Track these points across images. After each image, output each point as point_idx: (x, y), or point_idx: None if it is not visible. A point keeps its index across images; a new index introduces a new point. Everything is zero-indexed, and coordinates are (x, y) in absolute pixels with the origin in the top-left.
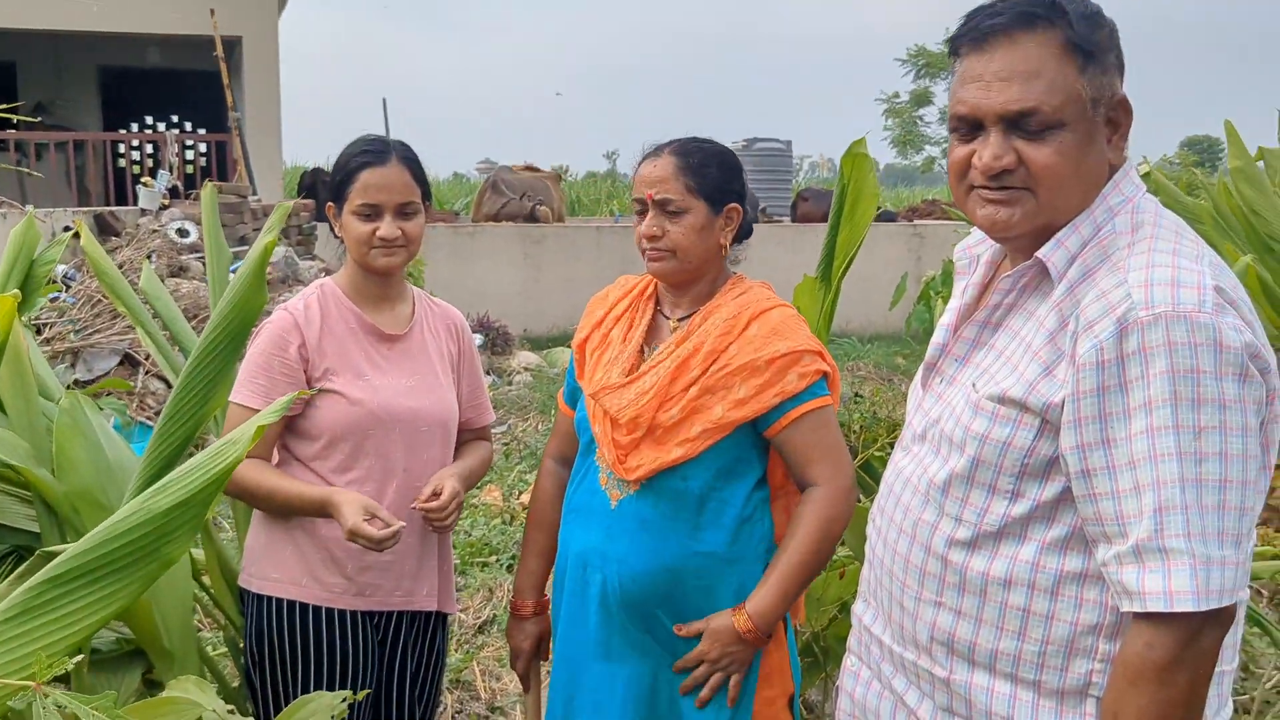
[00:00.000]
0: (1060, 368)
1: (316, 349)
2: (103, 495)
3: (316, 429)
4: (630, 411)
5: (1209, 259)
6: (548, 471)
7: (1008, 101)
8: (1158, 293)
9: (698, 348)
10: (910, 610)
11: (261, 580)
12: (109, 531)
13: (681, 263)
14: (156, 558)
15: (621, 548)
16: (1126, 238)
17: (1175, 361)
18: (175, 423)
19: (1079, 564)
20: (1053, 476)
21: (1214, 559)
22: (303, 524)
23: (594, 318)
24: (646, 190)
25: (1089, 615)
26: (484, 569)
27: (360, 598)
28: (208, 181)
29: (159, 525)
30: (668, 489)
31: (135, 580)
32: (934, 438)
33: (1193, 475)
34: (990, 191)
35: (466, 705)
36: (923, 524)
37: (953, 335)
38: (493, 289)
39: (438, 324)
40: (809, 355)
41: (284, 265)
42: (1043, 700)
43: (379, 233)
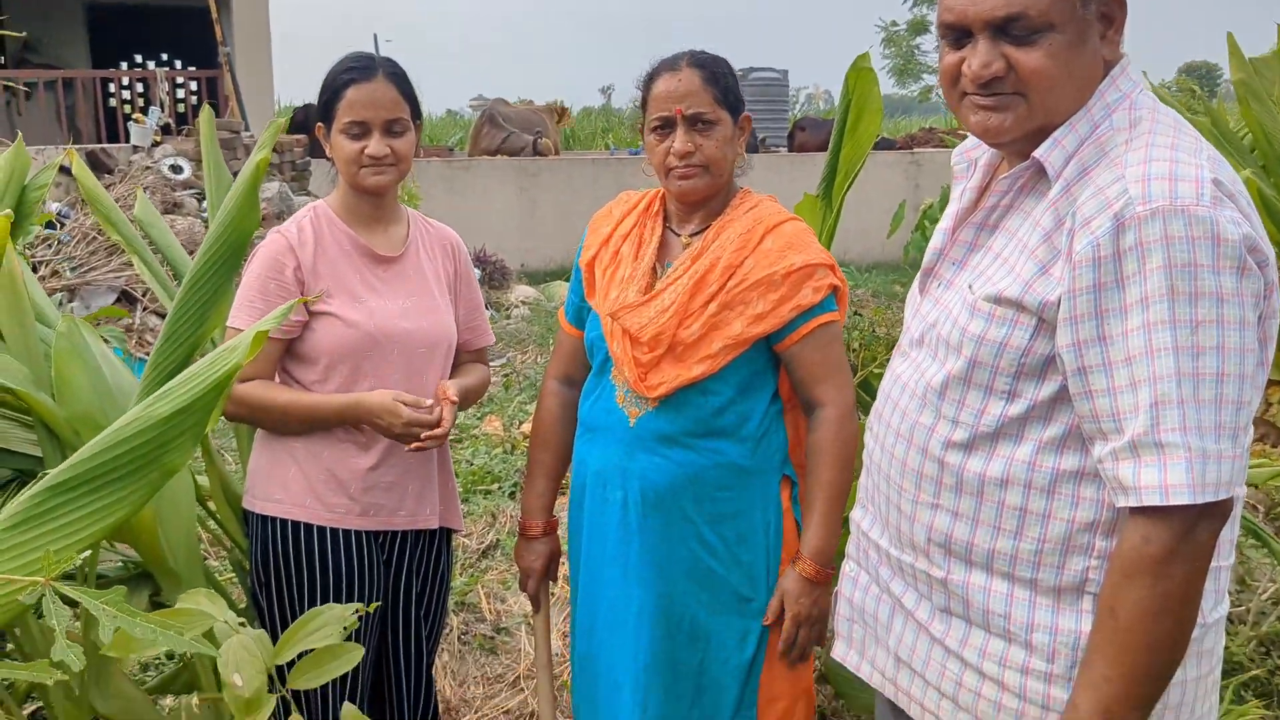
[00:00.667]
0: (1057, 266)
1: (311, 271)
2: (103, 418)
3: (315, 352)
4: (652, 329)
5: (1207, 153)
6: (551, 392)
7: (994, 7)
8: (1155, 187)
9: (714, 263)
10: (908, 513)
11: (265, 501)
12: (110, 439)
13: (714, 178)
14: (158, 465)
15: (642, 463)
16: (1124, 134)
17: (1172, 256)
18: (172, 344)
19: (1075, 462)
20: (1049, 375)
21: (1210, 452)
22: (306, 445)
23: (600, 235)
24: (675, 106)
25: (1086, 513)
26: (486, 496)
27: (364, 518)
28: (205, 105)
29: (160, 432)
30: (688, 404)
31: (137, 488)
32: (931, 342)
33: (1189, 369)
34: (982, 98)
35: (472, 626)
36: (919, 427)
37: (950, 239)
38: (489, 223)
39: (434, 245)
40: (822, 269)
41: (278, 201)
42: (1039, 598)
43: (368, 150)
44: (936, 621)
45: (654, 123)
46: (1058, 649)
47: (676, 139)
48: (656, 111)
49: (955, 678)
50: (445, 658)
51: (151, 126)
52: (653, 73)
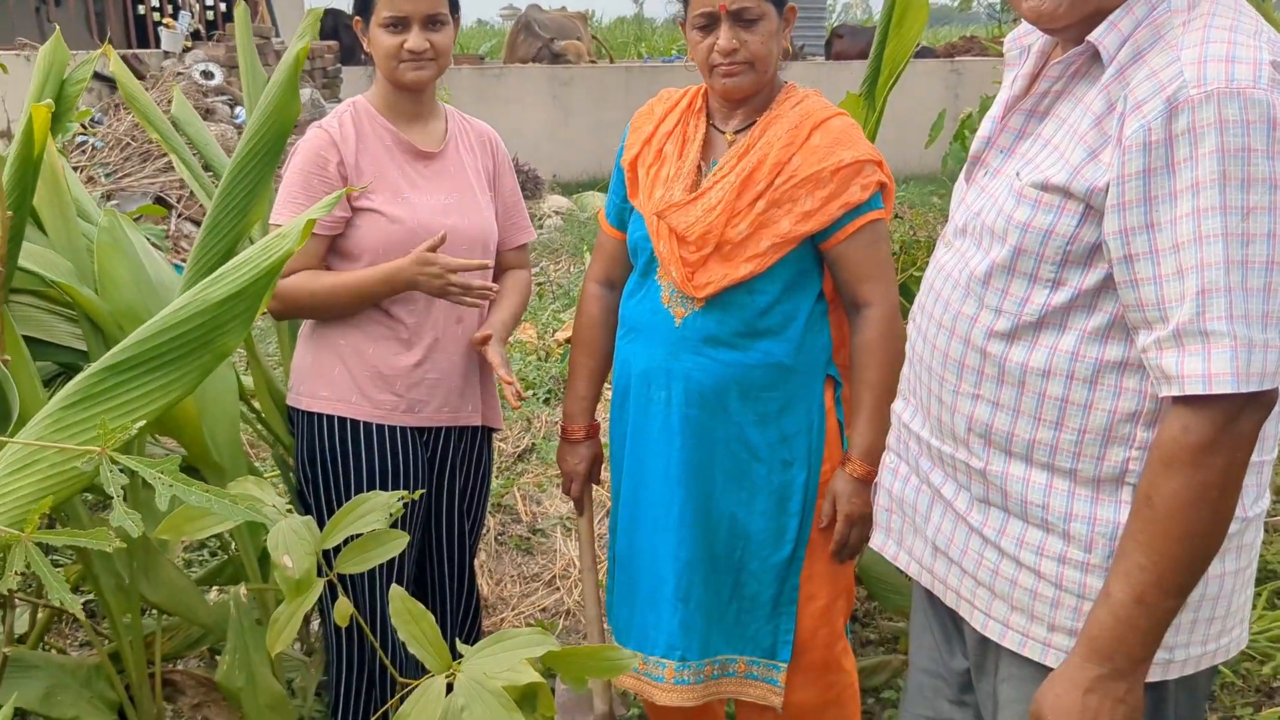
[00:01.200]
0: (1106, 152)
1: (354, 166)
2: (145, 312)
3: (358, 248)
4: (699, 228)
5: (1268, 35)
6: (592, 295)
7: None
8: (1211, 69)
9: (762, 160)
10: (948, 404)
11: (311, 398)
12: (165, 321)
13: (759, 74)
14: (210, 349)
15: (687, 364)
16: (1182, 15)
17: (1226, 140)
18: (215, 235)
19: (1119, 352)
20: (1095, 263)
21: (1256, 342)
22: (350, 342)
23: (642, 134)
24: (719, 2)
25: (1128, 403)
26: (522, 402)
27: (409, 414)
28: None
29: (213, 316)
30: (735, 304)
31: (190, 370)
32: (975, 230)
33: (1239, 257)
34: None
35: (508, 527)
36: (962, 317)
37: (999, 126)
38: (521, 132)
39: (473, 141)
40: (870, 165)
41: (310, 108)
42: (1078, 488)
43: (407, 45)
44: (975, 511)
45: (697, 20)
46: (1095, 538)
47: (721, 35)
48: (700, 8)
49: (992, 566)
50: (483, 557)
51: (182, 31)
52: None
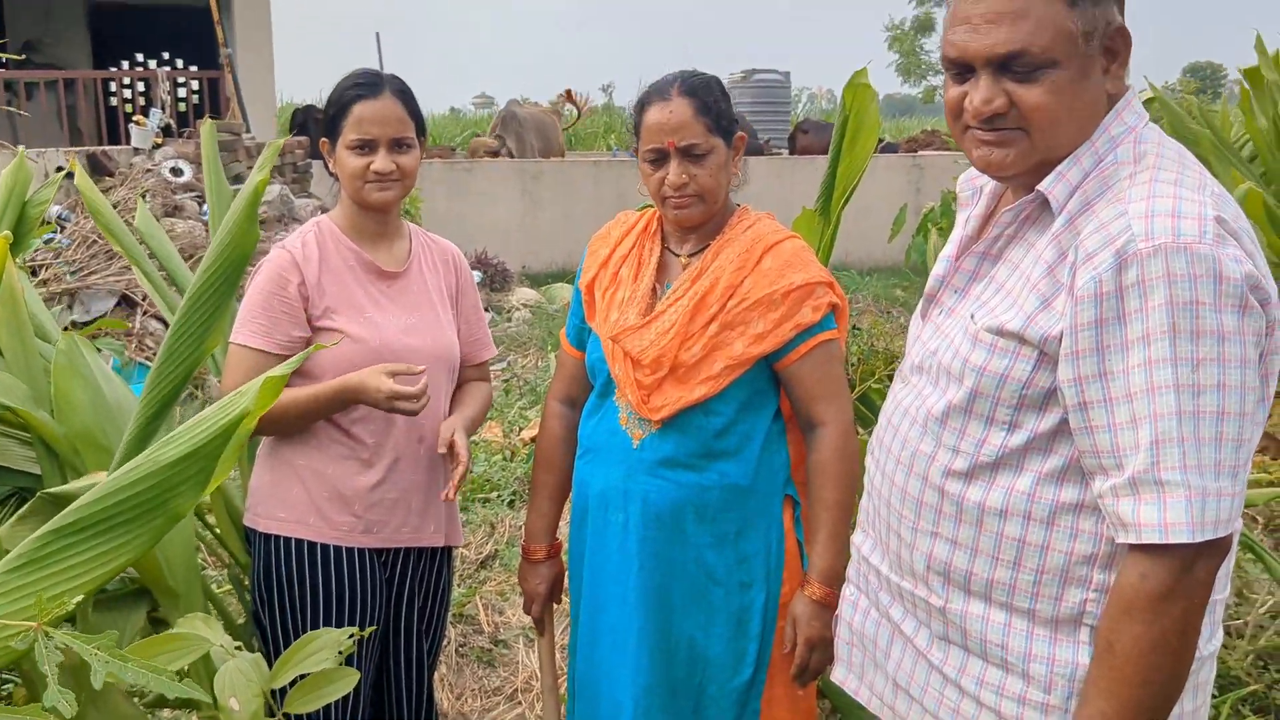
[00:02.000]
0: (1059, 300)
1: (316, 287)
2: (103, 436)
3: (319, 368)
4: (653, 352)
5: (1211, 189)
6: (554, 414)
7: (994, 44)
8: (1158, 224)
9: (714, 283)
10: (907, 540)
11: (268, 520)
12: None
13: (709, 205)
14: (163, 511)
15: (644, 485)
16: (1129, 168)
17: (1174, 293)
18: (172, 363)
19: (1075, 495)
20: (1050, 408)
21: (1210, 490)
22: (310, 463)
23: (599, 257)
24: (668, 138)
25: (1084, 545)
26: (485, 504)
27: (368, 535)
28: (206, 117)
29: (166, 477)
30: (691, 425)
31: (142, 534)
32: (932, 369)
33: (1190, 407)
34: (984, 133)
35: (470, 639)
36: (920, 455)
37: (953, 266)
38: (490, 225)
39: (435, 259)
40: (822, 287)
41: (279, 203)
42: (1037, 628)
43: (373, 167)
44: (935, 649)
45: (648, 154)
46: (1055, 679)
47: (670, 170)
48: (649, 143)
49: (953, 705)
50: (443, 670)
51: (152, 128)
52: (644, 100)
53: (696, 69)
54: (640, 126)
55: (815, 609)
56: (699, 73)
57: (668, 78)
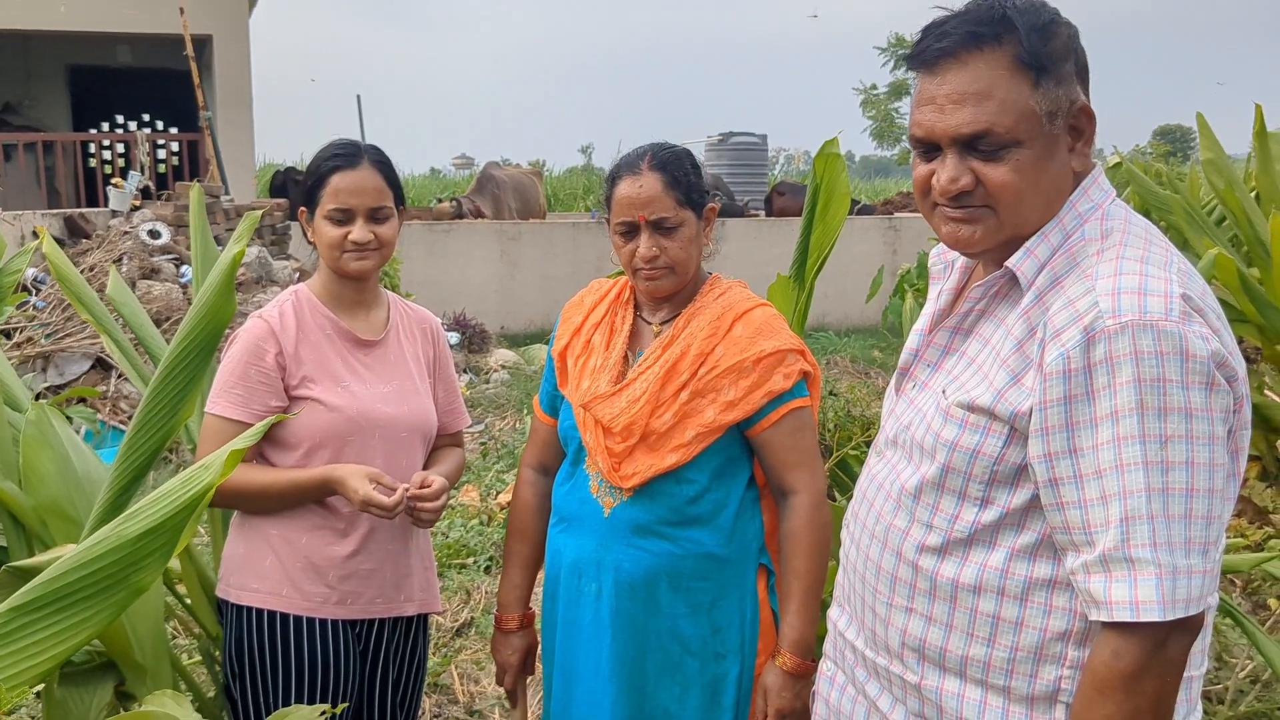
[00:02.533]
0: (1028, 376)
1: (293, 356)
2: (71, 508)
3: (295, 437)
4: (624, 420)
5: (1177, 266)
6: (527, 481)
7: (960, 124)
8: (1125, 301)
9: (685, 351)
10: (882, 616)
11: (241, 590)
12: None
13: (680, 277)
14: (126, 585)
15: (617, 554)
16: (1095, 244)
17: (1142, 370)
18: (144, 434)
19: (1048, 571)
20: (1022, 484)
21: (1180, 568)
22: (282, 533)
23: (572, 325)
24: (638, 213)
25: (1058, 622)
26: (461, 571)
27: (342, 606)
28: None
29: (129, 552)
30: (663, 493)
31: (105, 609)
32: (905, 443)
33: (1159, 484)
34: (951, 210)
35: (445, 709)
36: (894, 530)
37: (925, 340)
38: (469, 286)
39: (413, 328)
40: (793, 354)
41: (258, 266)
42: (1012, 706)
43: (351, 236)
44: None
45: (619, 227)
46: None
47: (641, 243)
48: (620, 216)
49: None
50: None
51: (130, 191)
52: (614, 173)
53: (668, 141)
54: (611, 199)
55: (786, 679)
56: (669, 145)
57: (638, 150)
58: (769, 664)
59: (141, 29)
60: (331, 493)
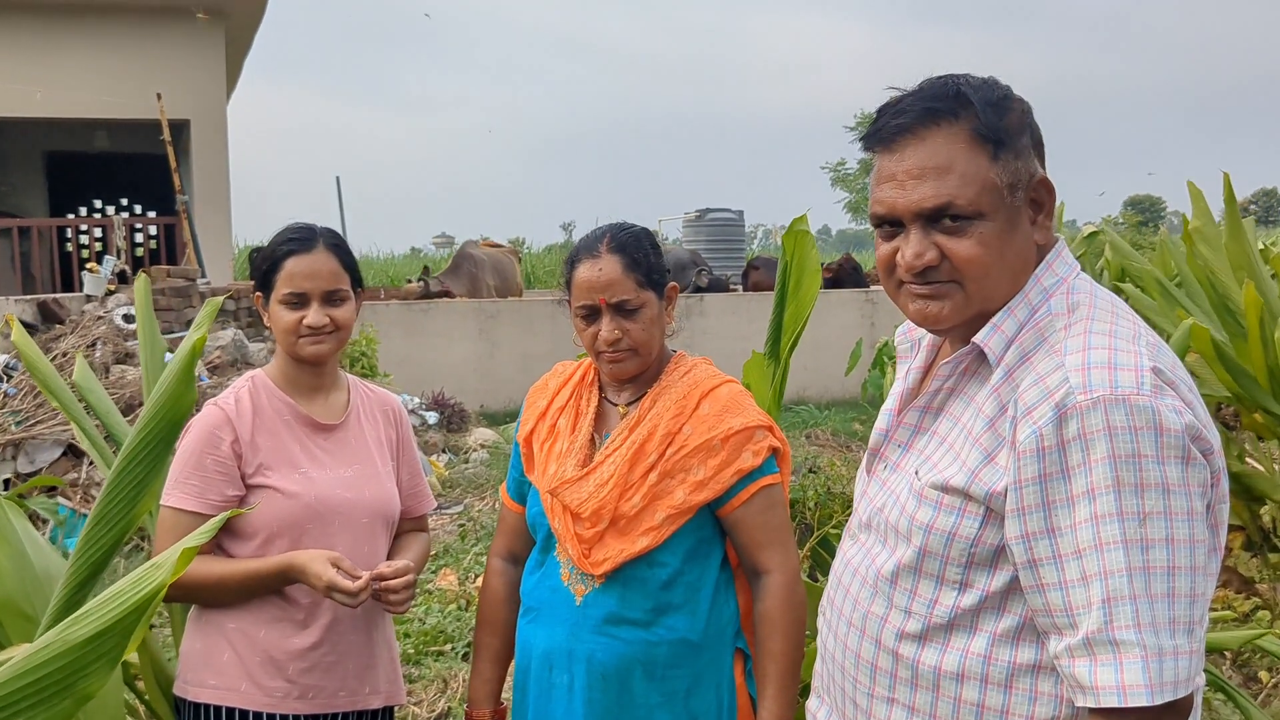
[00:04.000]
0: (1001, 454)
1: (250, 444)
2: (28, 605)
3: (251, 527)
4: (592, 504)
5: (1146, 339)
6: (495, 571)
7: (922, 199)
8: (1095, 376)
9: (652, 431)
10: (864, 707)
11: (199, 688)
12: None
13: (643, 358)
14: (72, 693)
15: (589, 644)
16: (1063, 319)
17: (1116, 446)
18: (102, 527)
19: (1032, 655)
20: (1001, 565)
21: (1166, 649)
22: (240, 626)
23: (537, 409)
24: (599, 296)
25: (1044, 709)
26: (438, 658)
27: (303, 701)
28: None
29: (75, 658)
30: (635, 579)
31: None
32: (879, 526)
33: (1139, 563)
34: (918, 286)
35: None
36: (872, 617)
37: (895, 420)
38: (447, 365)
39: (374, 410)
40: (761, 430)
41: (233, 348)
42: None
43: (306, 321)
44: None
45: (580, 310)
46: None
47: (603, 326)
48: (580, 300)
49: None
50: None
51: (105, 275)
52: (573, 257)
53: (627, 222)
54: (571, 283)
55: None
56: (628, 226)
57: (596, 233)
58: None
59: (119, 115)
60: (292, 581)
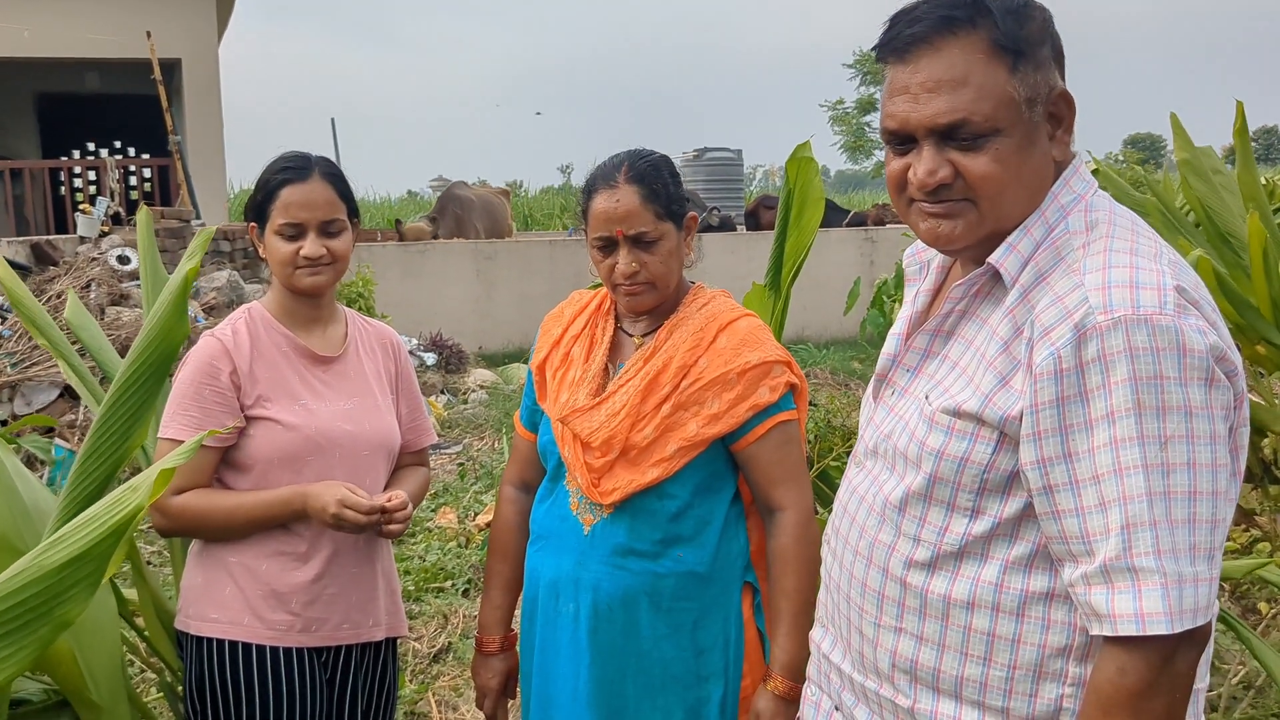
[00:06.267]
0: (1017, 378)
1: (248, 375)
2: (19, 540)
3: (250, 459)
4: (603, 434)
5: (1168, 257)
6: (508, 499)
7: (936, 114)
8: (1116, 295)
9: (667, 363)
10: (870, 637)
11: (200, 621)
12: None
13: (661, 291)
14: (49, 620)
15: (595, 573)
16: (1081, 237)
17: (1137, 368)
18: (94, 461)
19: (1044, 583)
20: (1014, 492)
21: (1186, 577)
22: (243, 559)
23: (551, 337)
24: (616, 228)
25: (1057, 637)
26: (439, 595)
27: (306, 634)
28: (142, 205)
29: (52, 583)
30: (644, 510)
31: (26, 646)
32: (887, 453)
33: (1160, 488)
34: (930, 205)
35: None
36: (879, 545)
37: (904, 344)
38: (445, 307)
39: (373, 344)
40: (779, 366)
41: (229, 289)
42: None
43: (303, 252)
44: None
45: (596, 242)
46: None
47: (620, 259)
48: (597, 231)
49: None
50: None
51: (99, 217)
52: (590, 185)
53: (645, 149)
54: (588, 213)
55: (779, 704)
56: (647, 154)
57: (614, 160)
58: (760, 688)
59: (109, 54)
60: (299, 512)
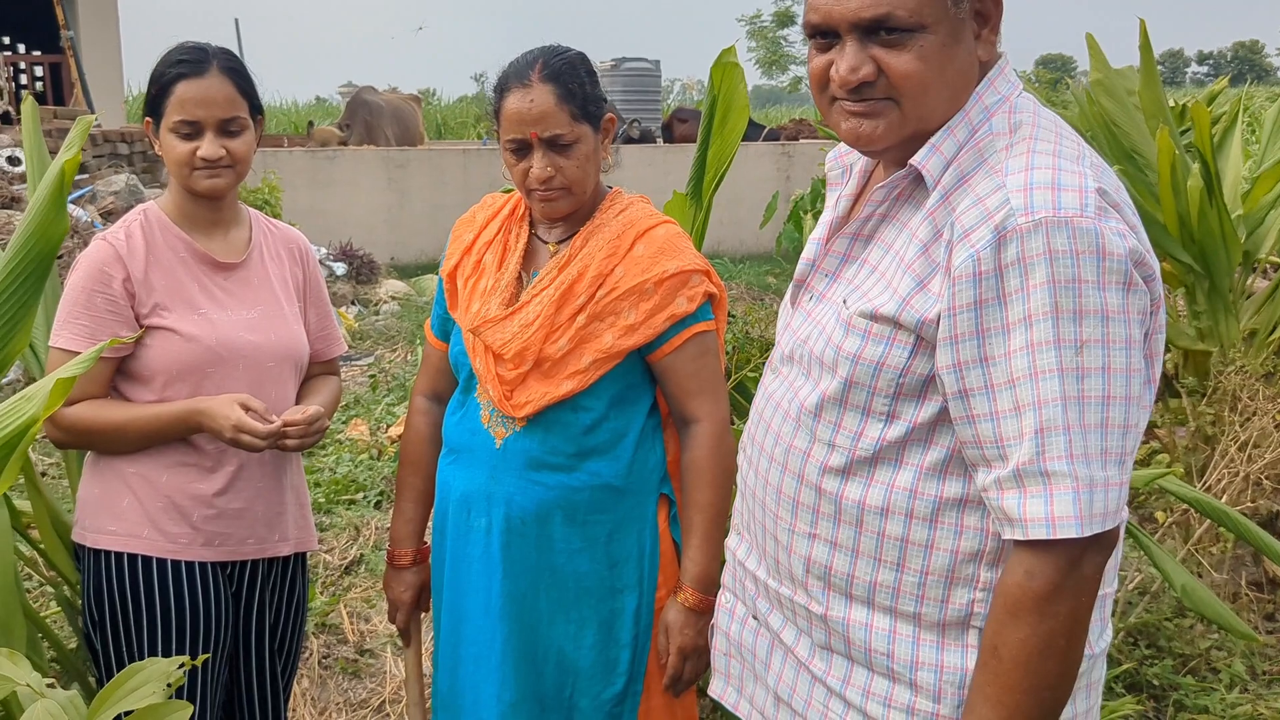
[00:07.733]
0: (935, 281)
1: (143, 282)
2: None
3: (148, 370)
4: (515, 345)
5: (1090, 159)
6: (419, 410)
7: (860, 8)
8: (1037, 196)
9: (582, 272)
10: (784, 543)
11: (98, 534)
12: None
13: (577, 196)
14: None
15: (508, 487)
16: (1004, 139)
17: (1056, 271)
18: None
19: (958, 489)
20: (929, 396)
21: (1097, 481)
22: (141, 472)
23: (463, 243)
24: (530, 130)
25: (969, 542)
26: (350, 507)
27: (209, 548)
28: (28, 96)
29: None
30: (558, 423)
31: None
32: (803, 358)
33: (1074, 393)
34: (852, 104)
35: (334, 649)
36: (794, 451)
37: (823, 249)
38: (356, 216)
39: (279, 248)
40: (697, 275)
41: (127, 194)
42: (923, 634)
43: (200, 152)
44: (817, 659)
45: (509, 144)
46: (944, 688)
47: (534, 163)
48: (510, 133)
49: (838, 718)
50: (305, 684)
51: None
52: (502, 84)
53: (560, 44)
54: (500, 113)
55: (689, 616)
56: (562, 50)
57: (527, 57)
58: (671, 600)
59: None
60: (197, 428)
